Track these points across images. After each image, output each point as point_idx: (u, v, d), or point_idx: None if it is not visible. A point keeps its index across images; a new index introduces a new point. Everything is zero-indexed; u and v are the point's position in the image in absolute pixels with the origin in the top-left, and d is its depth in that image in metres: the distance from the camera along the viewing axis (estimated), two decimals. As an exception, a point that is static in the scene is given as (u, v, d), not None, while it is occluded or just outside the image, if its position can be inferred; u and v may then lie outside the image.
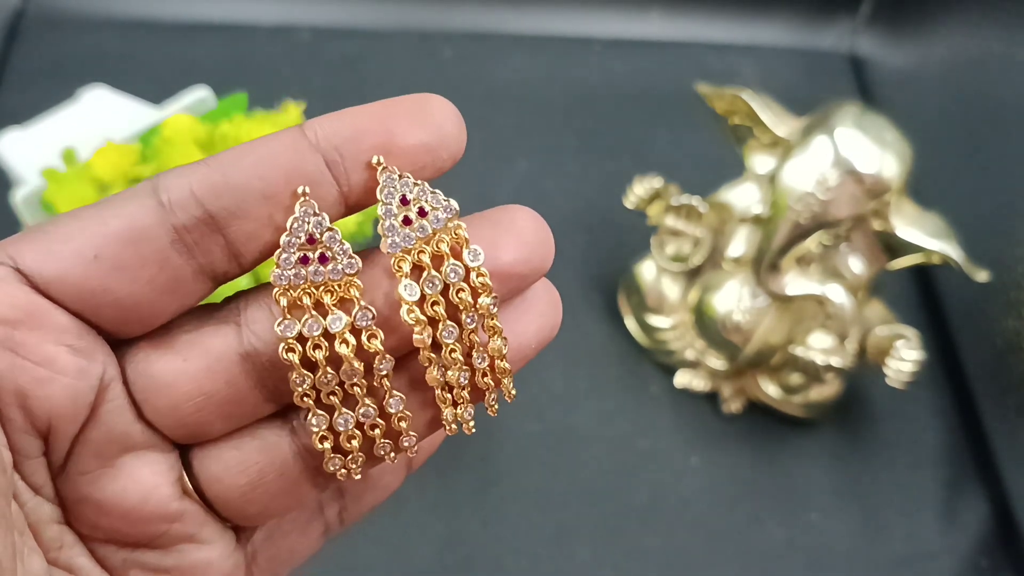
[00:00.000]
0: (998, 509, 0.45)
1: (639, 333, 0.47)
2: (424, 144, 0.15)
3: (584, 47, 0.60)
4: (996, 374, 0.46)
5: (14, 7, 0.58)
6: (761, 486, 0.44)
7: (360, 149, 0.15)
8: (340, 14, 0.60)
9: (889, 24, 0.60)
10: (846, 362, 0.42)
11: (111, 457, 0.16)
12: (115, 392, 0.16)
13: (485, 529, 0.42)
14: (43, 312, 0.15)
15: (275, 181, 0.15)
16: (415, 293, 0.15)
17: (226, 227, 0.15)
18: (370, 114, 0.15)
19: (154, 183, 0.15)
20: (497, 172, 0.54)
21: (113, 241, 0.15)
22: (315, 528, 0.20)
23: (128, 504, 0.16)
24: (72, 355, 0.15)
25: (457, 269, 0.15)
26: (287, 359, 0.15)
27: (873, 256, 0.41)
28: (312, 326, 0.15)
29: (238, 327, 0.16)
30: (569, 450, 0.45)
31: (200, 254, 0.15)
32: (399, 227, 0.15)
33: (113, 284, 0.15)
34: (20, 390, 0.15)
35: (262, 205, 0.15)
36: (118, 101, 0.46)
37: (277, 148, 0.15)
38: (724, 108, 0.42)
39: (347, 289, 0.15)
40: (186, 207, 0.15)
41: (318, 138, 0.15)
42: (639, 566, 0.42)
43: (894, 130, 0.38)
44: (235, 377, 0.16)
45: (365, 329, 0.15)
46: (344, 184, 0.15)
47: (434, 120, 0.15)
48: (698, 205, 0.43)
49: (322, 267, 0.15)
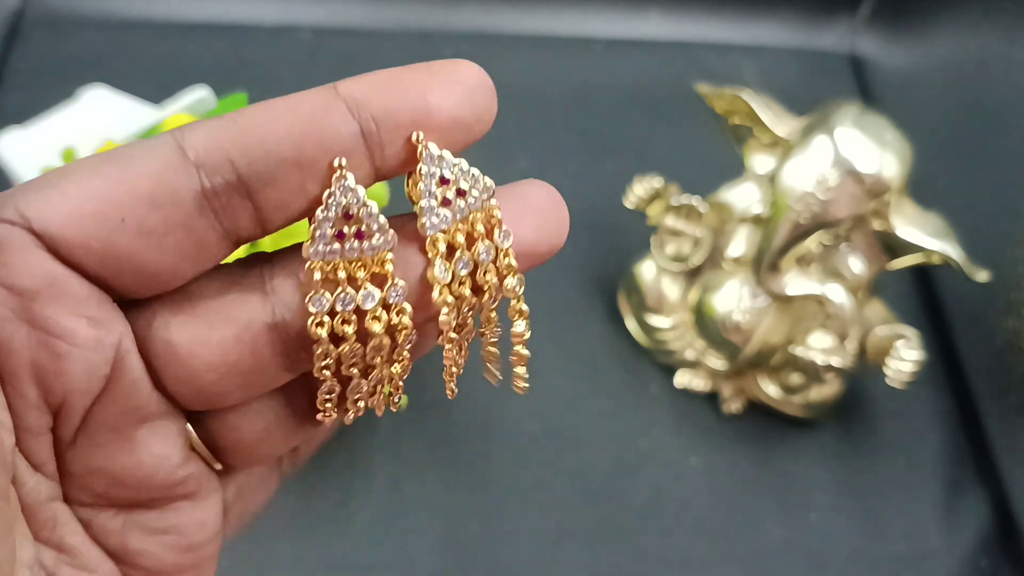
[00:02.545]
0: (998, 509, 0.45)
1: (639, 333, 0.47)
2: (459, 118, 0.15)
3: (584, 47, 0.60)
4: (996, 374, 0.46)
5: (14, 7, 0.58)
6: (761, 486, 0.44)
7: (397, 122, 0.15)
8: (340, 14, 0.60)
9: (889, 24, 0.60)
10: (846, 362, 0.42)
11: (126, 429, 0.15)
12: (132, 363, 0.15)
13: (485, 529, 0.42)
14: (62, 281, 0.14)
15: (310, 150, 0.14)
16: (448, 275, 0.15)
17: (256, 194, 0.14)
18: (408, 83, 0.15)
19: (179, 138, 0.14)
20: (497, 172, 0.53)
21: (141, 204, 0.14)
22: (274, 480, 0.20)
23: (141, 475, 0.16)
24: (90, 327, 0.14)
25: (489, 250, 0.15)
26: (317, 334, 0.15)
27: (873, 256, 0.41)
28: (346, 300, 0.15)
29: (264, 296, 0.15)
30: (569, 450, 0.45)
31: (226, 219, 0.14)
32: (437, 207, 0.15)
33: (138, 250, 0.14)
34: (37, 365, 0.14)
35: (295, 173, 0.14)
36: (118, 101, 0.46)
37: (312, 112, 0.14)
38: (724, 108, 0.42)
39: (380, 264, 0.15)
40: (219, 170, 0.14)
41: (357, 105, 0.14)
42: (639, 566, 0.42)
43: (894, 130, 0.38)
44: (260, 347, 0.15)
45: (394, 305, 0.15)
46: (378, 157, 0.15)
47: (470, 92, 0.15)
48: (698, 205, 0.43)
49: (358, 243, 0.15)
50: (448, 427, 0.45)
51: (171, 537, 0.16)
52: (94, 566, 0.16)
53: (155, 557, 0.16)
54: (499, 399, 0.45)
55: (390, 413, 0.44)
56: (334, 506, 0.42)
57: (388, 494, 0.42)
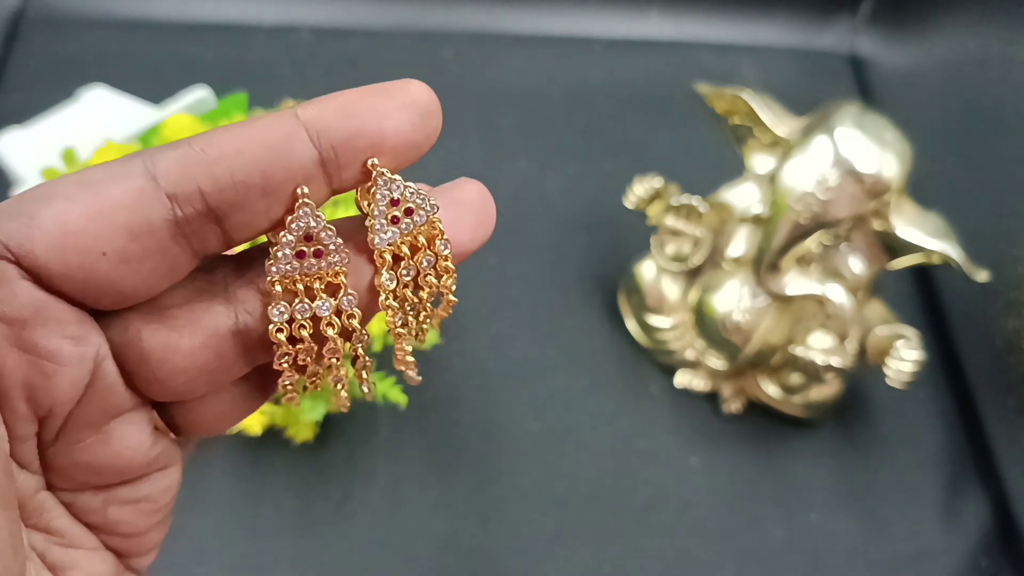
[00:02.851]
0: (998, 509, 0.45)
1: (639, 333, 0.47)
2: (411, 140, 0.16)
3: (584, 47, 0.61)
4: (996, 374, 0.46)
5: (14, 7, 0.58)
6: (761, 486, 0.44)
7: (355, 148, 0.16)
8: (340, 14, 0.60)
9: (889, 24, 0.60)
10: (846, 362, 0.42)
11: (102, 425, 0.17)
12: (107, 369, 0.16)
13: (485, 529, 0.42)
14: (47, 307, 0.15)
15: (276, 177, 0.15)
16: (393, 283, 0.17)
17: (224, 219, 0.16)
18: (365, 109, 0.16)
19: (149, 166, 0.15)
20: (497, 172, 0.54)
21: (120, 236, 0.15)
22: None
23: (119, 463, 0.17)
24: (74, 345, 0.16)
25: (430, 258, 0.17)
26: (278, 338, 0.17)
27: (873, 256, 0.41)
28: (303, 309, 0.17)
29: (227, 304, 0.17)
30: (569, 450, 0.45)
31: (196, 241, 0.16)
32: (387, 225, 0.17)
33: (117, 276, 0.15)
34: (28, 384, 0.15)
35: (261, 200, 0.16)
36: (118, 101, 0.46)
37: (278, 141, 0.15)
38: (724, 108, 0.42)
39: (334, 275, 0.17)
40: (190, 201, 0.15)
41: (318, 133, 0.16)
42: (639, 566, 0.42)
43: (894, 130, 0.38)
44: (225, 351, 0.17)
45: (345, 311, 0.17)
46: (335, 179, 0.16)
47: (421, 115, 0.16)
48: (698, 205, 0.43)
49: (315, 260, 0.17)
50: (448, 427, 0.45)
51: (144, 504, 0.18)
52: (79, 542, 0.18)
53: (131, 524, 0.18)
54: (499, 399, 0.46)
55: (391, 413, 0.44)
56: (334, 506, 0.42)
57: (388, 494, 0.42)
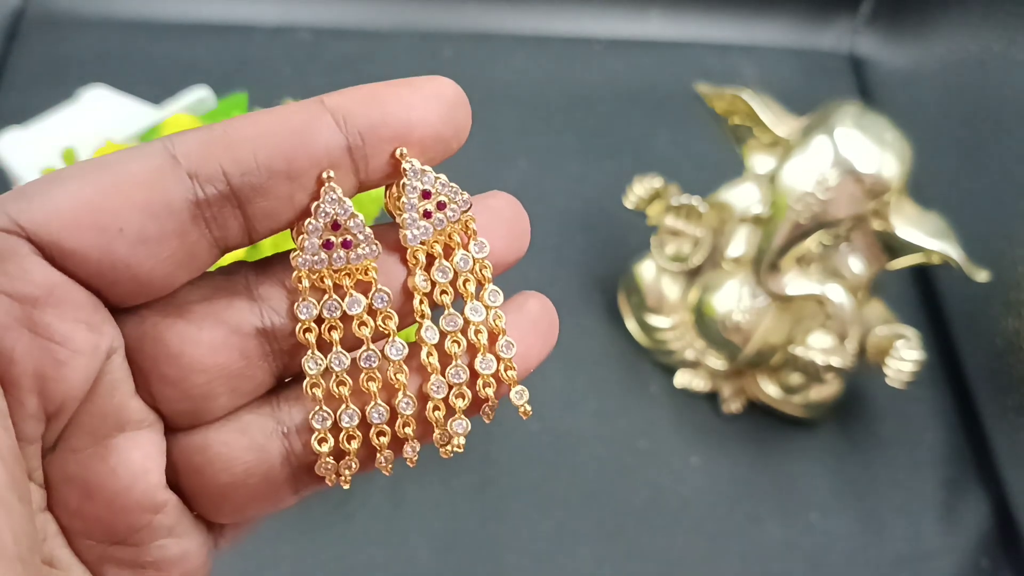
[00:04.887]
0: (998, 509, 0.45)
1: (639, 333, 0.47)
2: (439, 134, 0.16)
3: (584, 47, 0.60)
4: (996, 374, 0.46)
5: (14, 7, 0.58)
6: (761, 486, 0.44)
7: (381, 136, 0.15)
8: (340, 14, 0.60)
9: (889, 24, 0.60)
10: (846, 362, 0.42)
11: (104, 436, 0.15)
12: (115, 364, 0.15)
13: (485, 529, 0.42)
14: (61, 288, 0.14)
15: (300, 162, 0.15)
16: (427, 285, 0.16)
17: (247, 203, 0.15)
18: (391, 98, 0.15)
19: (170, 147, 0.15)
20: (497, 172, 0.54)
21: (138, 213, 0.14)
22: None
23: (116, 487, 0.15)
24: (88, 332, 0.15)
25: (467, 259, 0.16)
26: (305, 339, 0.16)
27: (873, 256, 0.41)
28: (332, 307, 0.16)
29: (251, 301, 0.16)
30: (569, 450, 0.45)
31: (217, 228, 0.15)
32: (419, 219, 0.16)
33: (134, 259, 0.14)
34: (40, 373, 0.14)
35: (285, 184, 0.15)
36: (118, 101, 0.46)
37: (302, 125, 0.15)
38: (724, 108, 0.42)
39: (364, 271, 0.16)
40: (212, 180, 0.14)
41: (344, 119, 0.15)
42: (639, 566, 0.42)
43: (894, 130, 0.38)
44: (249, 351, 0.16)
45: (380, 311, 0.16)
46: (362, 170, 0.15)
47: (449, 108, 0.16)
48: (698, 205, 0.43)
49: (344, 252, 0.16)
50: (448, 427, 0.45)
51: (150, 572, 0.16)
52: None
53: None
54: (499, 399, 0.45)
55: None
56: (334, 506, 0.42)
57: (388, 494, 0.42)
